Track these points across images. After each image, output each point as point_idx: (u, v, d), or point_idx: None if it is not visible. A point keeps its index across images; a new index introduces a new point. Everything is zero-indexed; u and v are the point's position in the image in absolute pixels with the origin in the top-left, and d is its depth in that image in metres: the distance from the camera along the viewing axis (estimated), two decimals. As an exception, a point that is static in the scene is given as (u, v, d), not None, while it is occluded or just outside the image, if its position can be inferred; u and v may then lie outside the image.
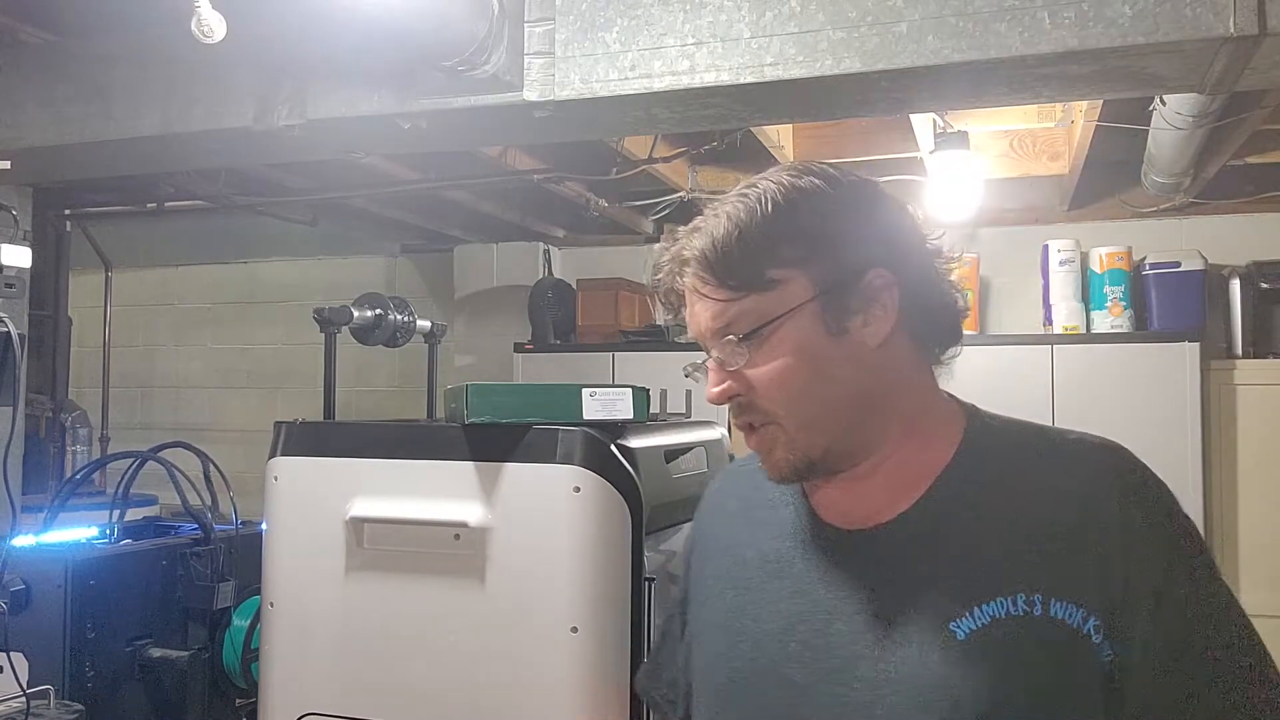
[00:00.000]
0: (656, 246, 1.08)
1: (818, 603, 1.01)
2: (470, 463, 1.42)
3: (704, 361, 1.06)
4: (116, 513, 2.07)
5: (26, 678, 1.72)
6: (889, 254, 1.00)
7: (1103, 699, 0.90)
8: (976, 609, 0.92)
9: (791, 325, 0.99)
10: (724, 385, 1.03)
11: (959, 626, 0.92)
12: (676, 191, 4.60)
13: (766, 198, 1.00)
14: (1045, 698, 0.89)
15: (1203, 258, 4.32)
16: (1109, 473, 0.96)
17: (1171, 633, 0.90)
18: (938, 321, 1.04)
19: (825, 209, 1.00)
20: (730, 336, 1.00)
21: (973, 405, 1.06)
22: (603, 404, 1.47)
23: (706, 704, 1.08)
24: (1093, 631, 0.90)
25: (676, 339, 4.91)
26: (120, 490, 2.02)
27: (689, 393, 4.44)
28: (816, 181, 1.01)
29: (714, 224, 1.03)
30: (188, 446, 2.01)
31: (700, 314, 1.03)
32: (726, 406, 1.06)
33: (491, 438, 1.41)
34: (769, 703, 1.01)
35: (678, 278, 1.05)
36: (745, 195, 1.03)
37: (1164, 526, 0.94)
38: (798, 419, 1.00)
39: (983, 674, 0.90)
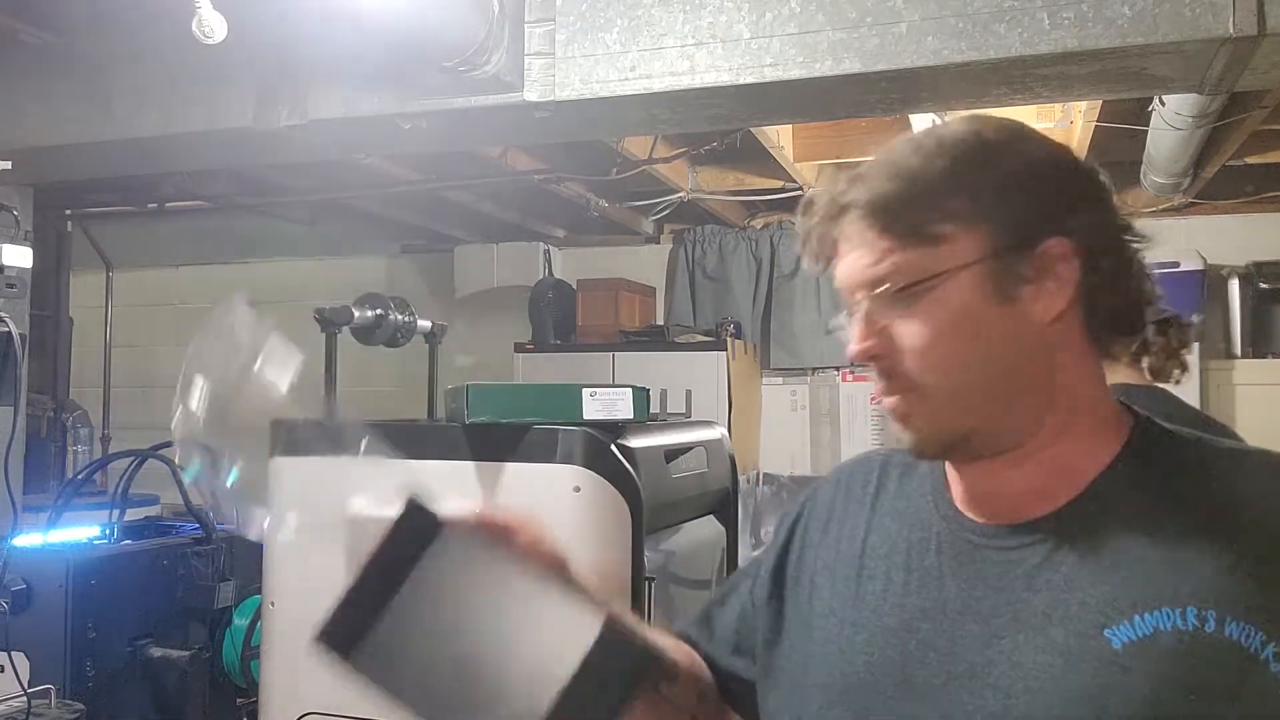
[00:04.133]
0: (811, 191, 0.97)
1: (947, 600, 0.92)
2: (470, 462, 1.42)
3: (851, 316, 0.94)
4: (117, 512, 2.07)
5: (28, 677, 1.72)
6: (1073, 223, 0.90)
7: None
8: (1137, 617, 0.83)
9: (954, 285, 0.89)
10: (868, 343, 0.91)
11: (1115, 634, 0.84)
12: (676, 191, 4.60)
13: (944, 146, 0.91)
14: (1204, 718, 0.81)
15: (1202, 258, 4.32)
16: None
17: None
18: (1118, 308, 0.93)
19: (1007, 165, 0.91)
20: (884, 289, 0.90)
21: (1143, 411, 0.95)
22: (603, 404, 1.47)
23: (813, 696, 0.99)
24: (1272, 659, 0.80)
25: (676, 339, 4.91)
26: (120, 489, 2.02)
27: (689, 392, 4.44)
28: (1002, 135, 0.92)
29: (883, 169, 0.93)
30: (189, 446, 2.01)
31: (854, 263, 0.92)
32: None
33: (492, 438, 1.41)
34: (885, 703, 0.92)
35: (833, 223, 0.94)
36: (922, 142, 0.93)
37: None
38: (945, 389, 0.90)
39: (1138, 687, 0.82)
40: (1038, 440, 0.92)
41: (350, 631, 0.85)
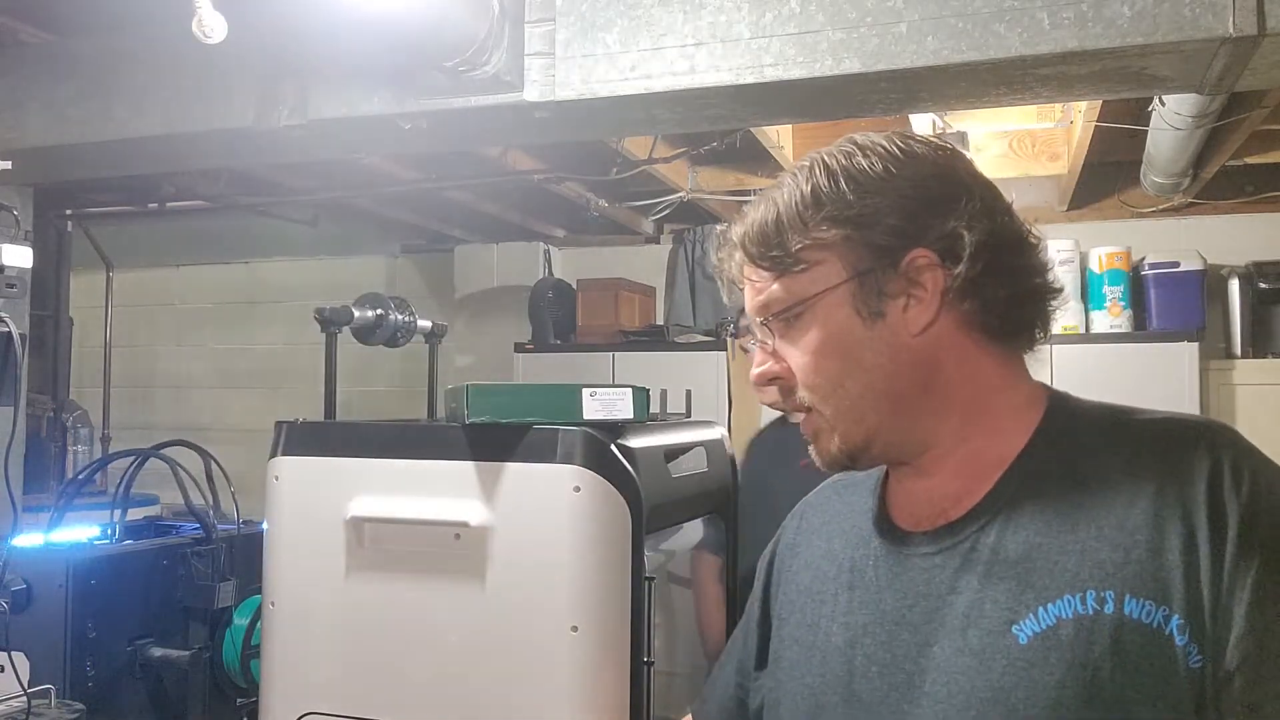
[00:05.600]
0: (718, 230, 1.06)
1: (885, 613, 0.95)
2: (470, 463, 1.42)
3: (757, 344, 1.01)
4: (118, 512, 2.07)
5: (27, 677, 1.72)
6: (936, 233, 0.92)
7: (1192, 708, 0.81)
8: (1041, 609, 0.85)
9: (823, 308, 0.94)
10: (763, 367, 0.99)
11: (1022, 630, 0.85)
12: (676, 192, 4.60)
13: (807, 174, 0.96)
14: (1115, 705, 0.81)
15: (1202, 258, 4.32)
16: (1198, 457, 0.85)
17: (1270, 641, 0.80)
18: (1006, 306, 0.94)
19: (868, 184, 0.93)
20: (765, 317, 0.97)
21: (1061, 392, 0.98)
22: (603, 404, 1.47)
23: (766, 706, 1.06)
24: (1176, 632, 0.81)
25: (676, 339, 4.91)
26: (121, 488, 2.02)
27: (689, 392, 4.44)
28: (868, 155, 0.95)
29: (758, 203, 0.99)
30: (190, 445, 2.01)
31: (747, 294, 0.99)
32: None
33: (491, 438, 1.41)
34: (880, 706, 0.94)
35: (730, 259, 1.01)
36: (794, 172, 0.98)
37: (1265, 518, 0.82)
38: (832, 407, 0.95)
39: (1043, 680, 0.83)
40: (945, 443, 0.95)
41: None
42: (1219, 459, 0.85)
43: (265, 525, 1.58)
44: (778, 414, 2.67)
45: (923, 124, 3.48)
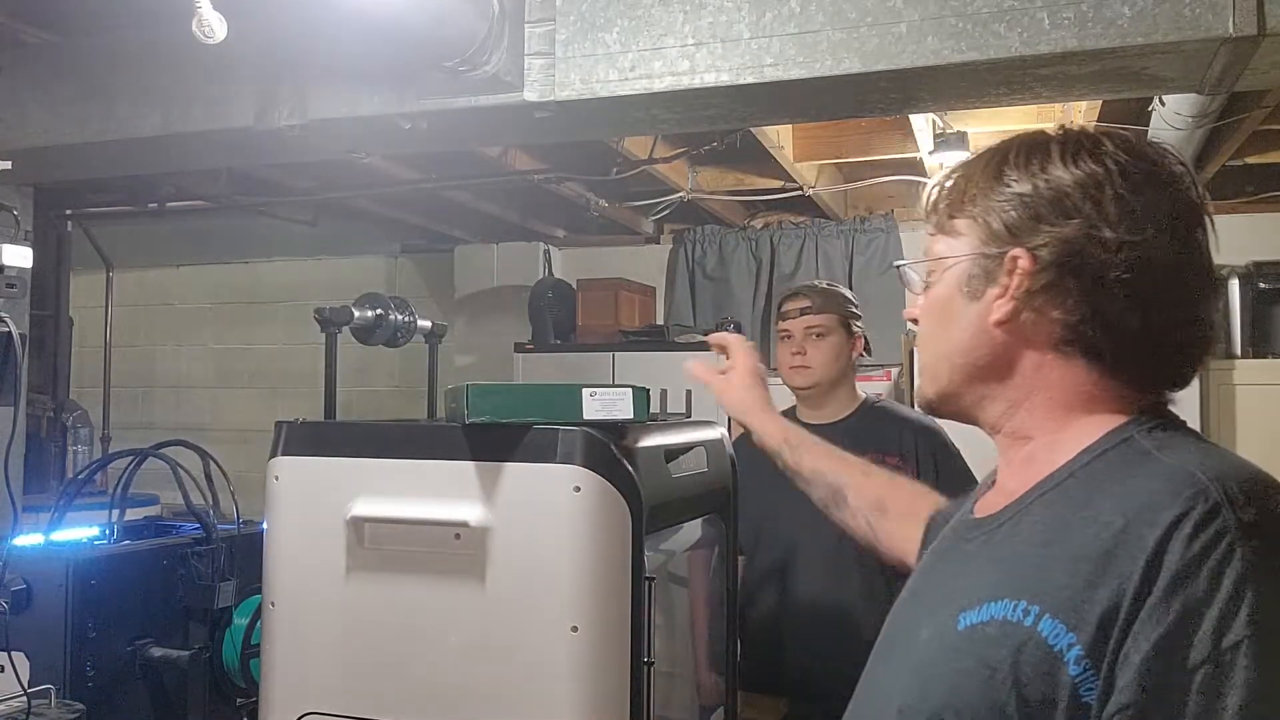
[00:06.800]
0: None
1: (925, 584, 1.07)
2: (470, 463, 1.42)
3: None
4: (117, 512, 2.07)
5: (28, 677, 1.72)
6: (1047, 240, 0.93)
7: None
8: (984, 605, 0.90)
9: (946, 274, 1.04)
10: (910, 309, 1.12)
11: (964, 618, 0.91)
12: (676, 191, 4.60)
13: (994, 152, 1.02)
14: (997, 709, 0.85)
15: (1202, 258, 4.32)
16: (1173, 504, 0.82)
17: (1157, 695, 0.79)
18: (1128, 342, 0.94)
19: (1026, 174, 0.97)
20: (925, 269, 1.08)
21: (1146, 428, 0.95)
22: (603, 404, 1.47)
23: None
24: (1072, 661, 0.82)
25: (676, 339, 4.91)
26: (120, 488, 2.02)
27: (689, 392, 4.44)
28: (1054, 147, 0.97)
29: (953, 168, 1.08)
30: (189, 445, 2.01)
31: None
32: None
33: (491, 438, 1.41)
34: (874, 664, 1.06)
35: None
36: (980, 150, 1.07)
37: (1205, 579, 0.79)
38: (924, 358, 1.10)
39: (956, 665, 0.90)
40: (1006, 433, 1.03)
41: None
42: (1189, 510, 0.81)
43: (265, 525, 1.58)
44: (780, 409, 2.67)
45: (923, 124, 3.48)
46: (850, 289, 2.70)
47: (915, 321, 1.12)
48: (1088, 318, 0.94)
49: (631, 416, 1.50)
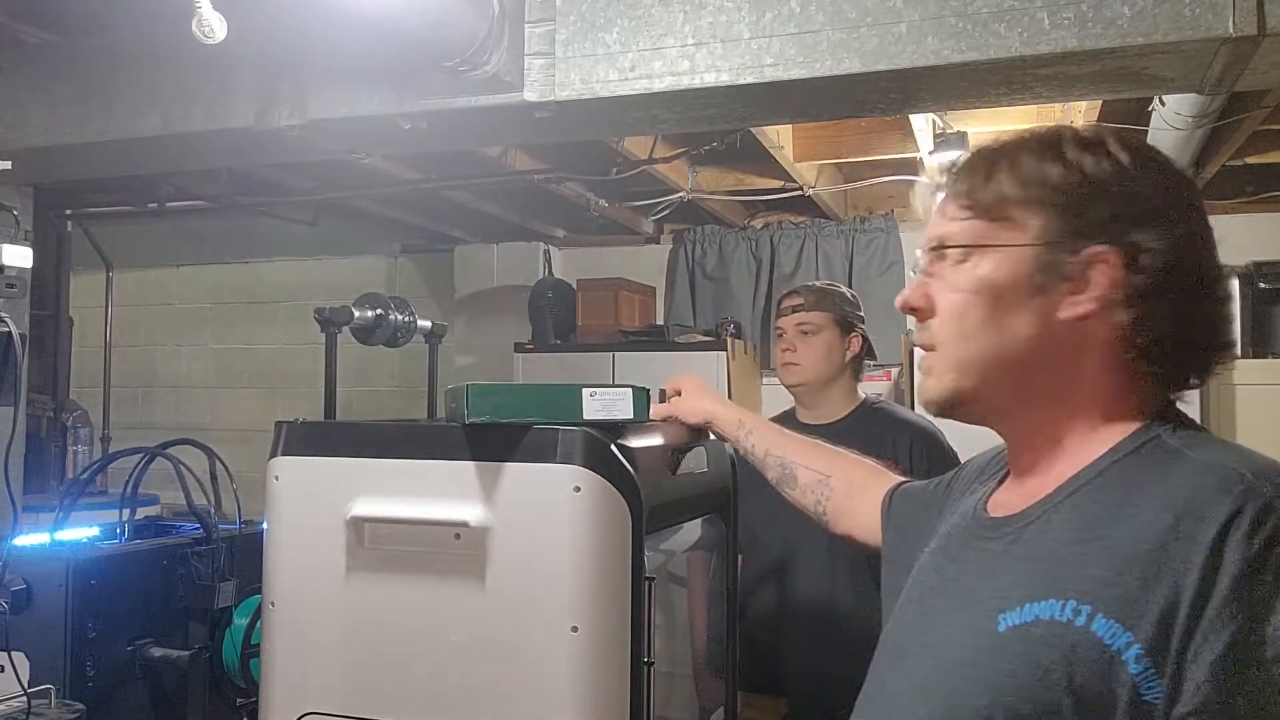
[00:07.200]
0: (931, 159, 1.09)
1: (942, 581, 1.03)
2: (470, 463, 1.42)
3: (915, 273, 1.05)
4: (126, 511, 2.07)
5: (28, 677, 1.72)
6: (1134, 241, 0.93)
7: None
8: (1027, 605, 0.89)
9: (1000, 259, 0.96)
10: (911, 294, 1.02)
11: (1005, 618, 0.89)
12: (676, 192, 4.60)
13: (1044, 136, 0.98)
14: (1051, 710, 0.84)
15: (1202, 258, 4.32)
16: (1225, 501, 0.83)
17: (1230, 696, 0.79)
18: (1167, 343, 0.95)
19: (1089, 168, 0.95)
20: (943, 246, 1.00)
21: (1170, 428, 0.95)
22: (603, 404, 1.47)
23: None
24: (1132, 660, 0.82)
25: (676, 339, 4.91)
26: (128, 488, 2.02)
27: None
28: (1107, 143, 0.96)
29: (987, 149, 1.01)
30: (195, 444, 2.01)
31: (935, 218, 1.02)
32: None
33: (491, 438, 1.41)
34: (880, 662, 1.04)
35: (937, 187, 1.04)
36: (1034, 129, 1.00)
37: (1271, 576, 0.80)
38: (957, 351, 0.99)
39: (1001, 667, 0.88)
40: (1041, 432, 0.99)
41: None
42: (1242, 508, 0.82)
43: (265, 525, 1.58)
44: (779, 411, 2.67)
45: (923, 124, 3.48)
46: (850, 289, 2.70)
47: (915, 310, 1.02)
48: (1142, 321, 0.94)
49: (631, 416, 1.50)
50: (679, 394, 1.67)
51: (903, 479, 1.42)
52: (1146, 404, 0.97)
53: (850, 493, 1.45)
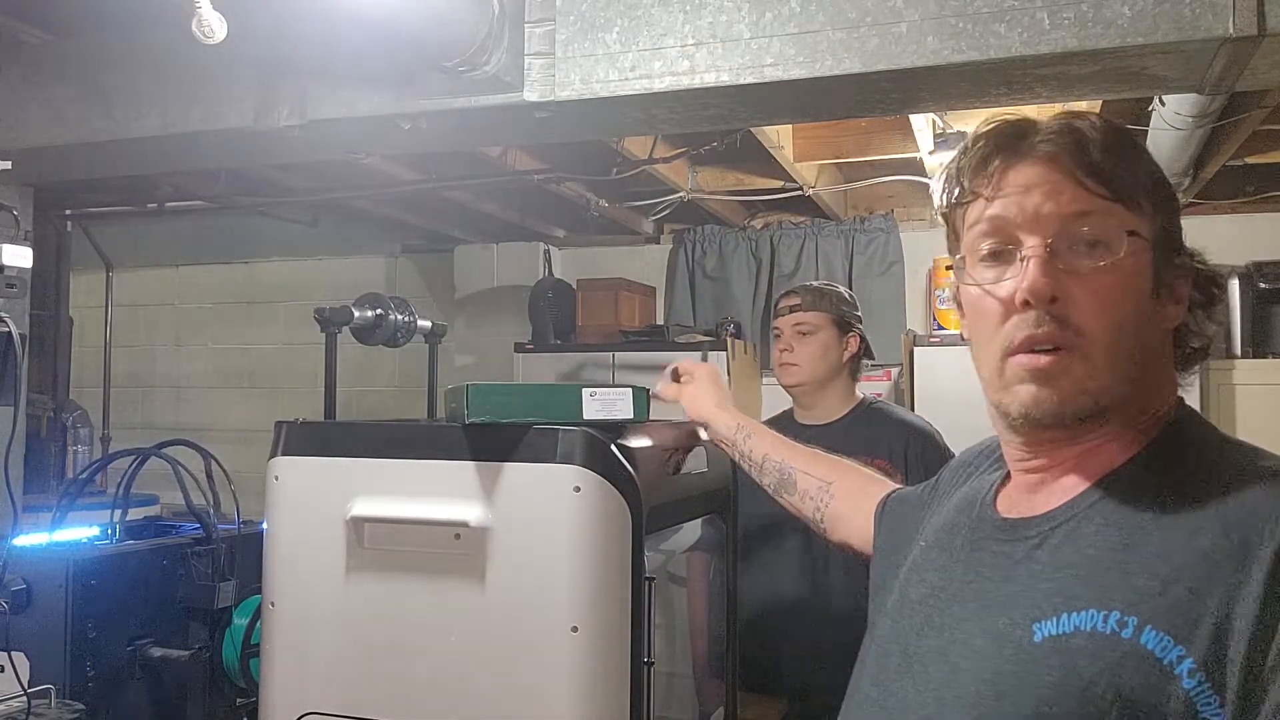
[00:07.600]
0: (980, 124, 0.98)
1: (951, 583, 0.99)
2: (470, 463, 1.42)
3: (1022, 253, 0.92)
4: (119, 511, 2.07)
5: (27, 677, 1.72)
6: (1191, 253, 0.97)
7: None
8: (1065, 615, 0.85)
9: (1137, 250, 0.91)
10: (1041, 281, 0.89)
11: (1041, 628, 0.86)
12: (676, 192, 4.60)
13: (1121, 132, 0.95)
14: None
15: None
16: (1273, 514, 0.80)
17: None
18: (1199, 355, 0.99)
19: (1161, 174, 0.97)
20: (1090, 232, 0.90)
21: (1192, 416, 0.96)
22: (603, 404, 1.47)
23: (867, 648, 1.08)
24: (1185, 674, 0.79)
25: (676, 339, 4.91)
26: (122, 487, 2.02)
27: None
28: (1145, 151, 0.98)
29: (1098, 122, 0.93)
30: (191, 444, 2.01)
31: (1051, 196, 0.91)
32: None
33: (491, 438, 1.41)
34: (886, 667, 1.01)
35: (1015, 155, 0.93)
36: (1109, 119, 0.95)
37: None
38: (1109, 348, 0.90)
39: (1041, 678, 0.84)
40: (1094, 434, 0.94)
41: None
42: None
43: (265, 525, 1.58)
44: (779, 410, 2.67)
45: (923, 124, 3.48)
46: (849, 289, 2.70)
47: (1052, 301, 0.89)
48: (1191, 333, 0.98)
49: (631, 416, 1.50)
50: (690, 378, 1.69)
51: (899, 487, 1.41)
52: (1170, 406, 0.97)
53: (850, 500, 1.44)
